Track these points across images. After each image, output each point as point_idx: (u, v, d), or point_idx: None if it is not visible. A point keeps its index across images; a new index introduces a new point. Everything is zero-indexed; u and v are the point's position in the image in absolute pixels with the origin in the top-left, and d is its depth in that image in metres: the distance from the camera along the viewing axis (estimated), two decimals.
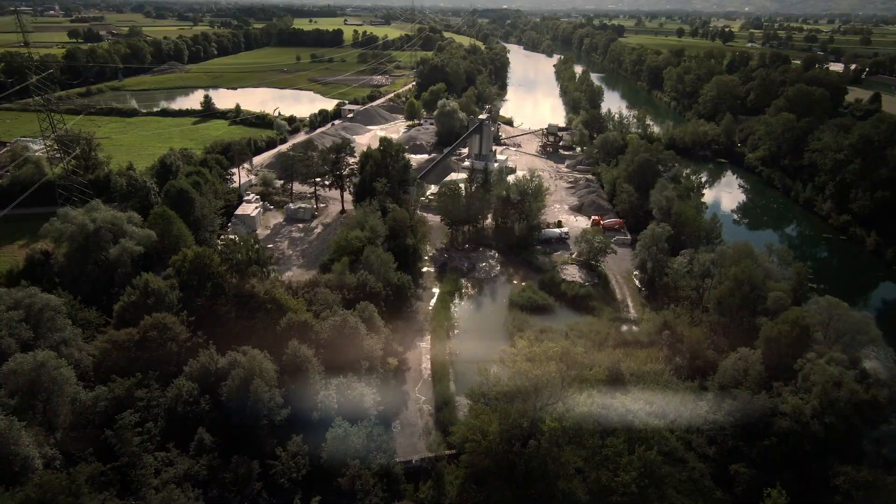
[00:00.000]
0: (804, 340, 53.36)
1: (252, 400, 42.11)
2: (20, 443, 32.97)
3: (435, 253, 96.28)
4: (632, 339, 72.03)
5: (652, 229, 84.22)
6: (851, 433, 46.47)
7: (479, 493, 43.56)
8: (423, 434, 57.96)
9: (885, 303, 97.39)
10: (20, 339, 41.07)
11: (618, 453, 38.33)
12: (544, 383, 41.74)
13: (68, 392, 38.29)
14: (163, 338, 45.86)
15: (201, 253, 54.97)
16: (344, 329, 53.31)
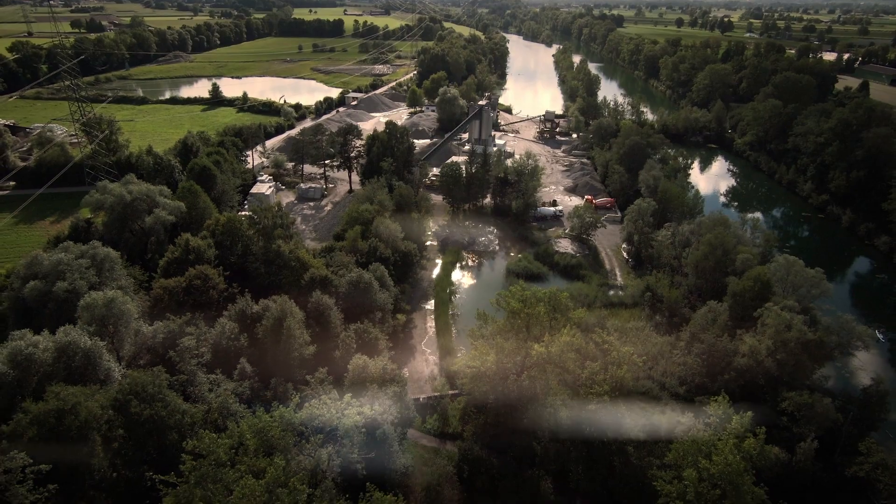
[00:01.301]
0: (765, 294, 60.51)
1: (285, 335, 49.32)
2: (103, 357, 40.18)
3: (437, 228, 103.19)
4: (617, 301, 79.38)
5: (638, 204, 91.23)
6: (799, 368, 53.71)
7: (478, 416, 50.92)
8: (428, 379, 65.56)
9: (858, 275, 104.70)
10: (89, 281, 48.25)
11: (594, 373, 45.57)
12: (534, 321, 48.93)
13: (133, 324, 45.53)
14: (205, 286, 53.08)
15: (232, 217, 62.05)
16: (359, 284, 60.48)
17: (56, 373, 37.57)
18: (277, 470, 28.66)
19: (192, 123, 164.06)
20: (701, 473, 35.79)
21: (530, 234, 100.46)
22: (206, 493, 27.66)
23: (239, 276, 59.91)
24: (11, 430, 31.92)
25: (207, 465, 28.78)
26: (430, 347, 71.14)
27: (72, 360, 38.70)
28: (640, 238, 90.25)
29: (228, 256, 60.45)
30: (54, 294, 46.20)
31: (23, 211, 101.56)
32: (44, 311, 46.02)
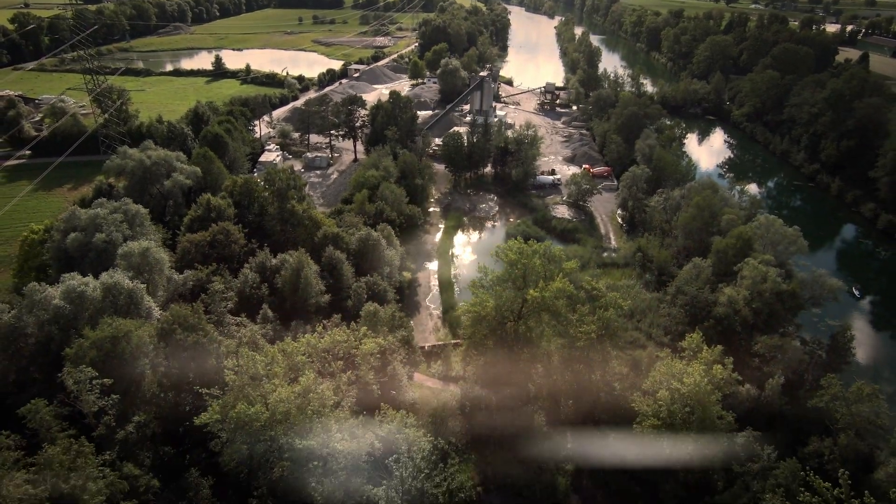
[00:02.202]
0: (746, 250, 65.01)
1: (303, 284, 54.10)
2: (144, 297, 44.98)
3: (440, 196, 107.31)
4: (610, 261, 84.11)
5: (633, 171, 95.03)
6: (773, 316, 58.60)
7: (478, 358, 56.09)
8: (433, 331, 70.78)
9: (844, 241, 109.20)
10: (123, 234, 52.81)
11: (583, 315, 50.38)
12: (530, 272, 53.55)
13: (165, 272, 50.25)
14: (227, 240, 57.66)
15: (249, 179, 66.18)
16: (368, 241, 65.08)
17: (104, 309, 42.36)
18: (308, 379, 33.67)
19: (197, 95, 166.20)
20: (673, 395, 40.91)
21: (529, 202, 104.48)
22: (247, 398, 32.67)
23: (256, 234, 64.43)
24: (75, 352, 36.84)
25: (247, 377, 33.75)
26: (434, 303, 76.16)
27: (117, 300, 43.49)
28: (634, 204, 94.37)
29: (246, 215, 64.88)
30: (93, 244, 50.81)
31: (43, 179, 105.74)
32: (84, 261, 50.63)
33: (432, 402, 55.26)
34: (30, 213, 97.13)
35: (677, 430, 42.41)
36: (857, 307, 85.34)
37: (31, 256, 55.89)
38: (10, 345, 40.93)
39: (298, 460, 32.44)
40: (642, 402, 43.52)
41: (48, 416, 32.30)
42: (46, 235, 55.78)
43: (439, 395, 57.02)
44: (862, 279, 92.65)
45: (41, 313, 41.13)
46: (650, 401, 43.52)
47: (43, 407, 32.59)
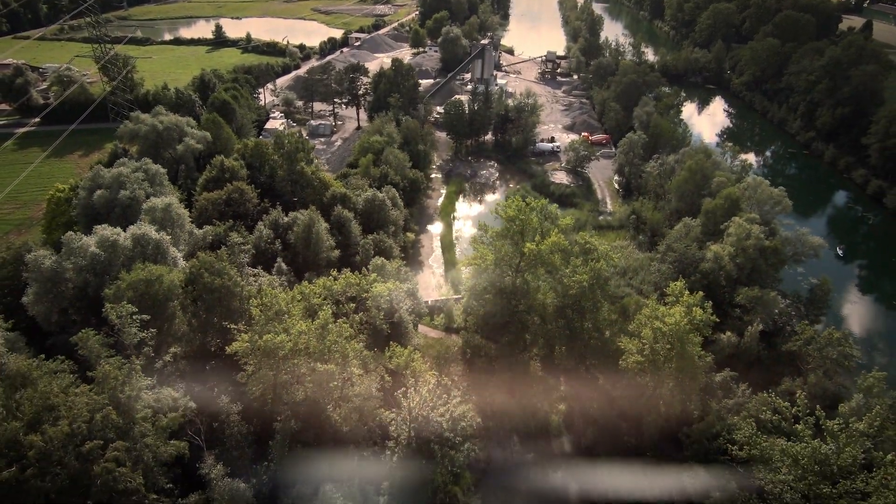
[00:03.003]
0: (734, 210, 68.32)
1: (314, 239, 57.70)
2: (170, 248, 48.66)
3: (441, 163, 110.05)
4: (605, 224, 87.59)
5: (630, 137, 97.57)
6: (756, 271, 62.33)
7: (478, 306, 60.12)
8: (435, 288, 74.86)
9: (835, 207, 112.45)
10: (145, 191, 56.18)
11: (576, 267, 54.07)
12: (527, 227, 57.03)
13: (186, 227, 53.83)
14: (242, 199, 61.06)
15: (259, 142, 69.08)
16: (374, 201, 68.44)
17: (135, 258, 46.02)
18: (327, 314, 37.60)
19: (199, 63, 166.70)
20: (655, 333, 44.94)
21: (529, 168, 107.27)
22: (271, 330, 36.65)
23: (268, 195, 67.69)
24: (113, 292, 40.66)
25: (271, 312, 37.66)
26: (436, 263, 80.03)
27: (145, 249, 47.12)
28: (631, 170, 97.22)
29: (258, 177, 68.04)
30: (119, 201, 54.19)
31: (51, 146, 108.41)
32: (110, 216, 54.04)
33: (436, 347, 59.61)
34: (44, 179, 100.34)
35: (659, 367, 46.59)
36: (843, 270, 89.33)
37: (58, 214, 59.36)
38: (52, 288, 44.76)
39: (319, 383, 36.56)
40: (628, 342, 47.60)
41: (96, 344, 36.28)
42: (72, 194, 59.11)
43: (442, 342, 61.25)
44: (850, 243, 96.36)
45: (79, 259, 44.86)
46: (635, 341, 47.58)
47: (92, 336, 36.57)
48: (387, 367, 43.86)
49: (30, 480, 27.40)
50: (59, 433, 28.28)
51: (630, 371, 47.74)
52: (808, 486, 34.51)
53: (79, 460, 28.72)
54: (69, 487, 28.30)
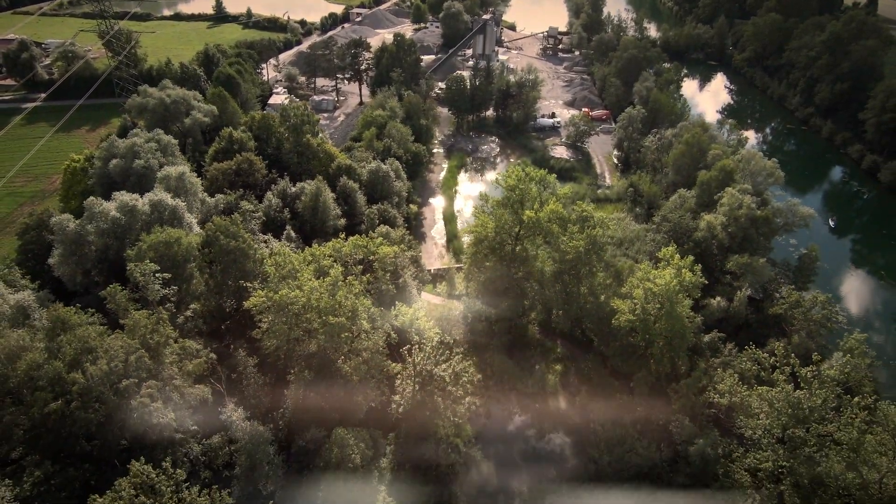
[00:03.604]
0: (728, 181, 70.32)
1: (321, 207, 59.97)
2: (185, 214, 51.00)
3: (443, 138, 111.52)
4: (604, 197, 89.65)
5: (629, 112, 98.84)
6: (747, 240, 64.66)
7: (479, 274, 62.70)
8: (437, 257, 77.35)
9: (831, 182, 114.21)
10: (158, 161, 58.30)
11: (573, 234, 56.46)
12: (527, 196, 59.20)
13: (199, 195, 56.08)
14: (251, 169, 63.14)
15: (266, 114, 70.78)
16: (378, 172, 70.47)
17: (152, 223, 48.43)
18: (337, 271, 40.15)
19: (200, 39, 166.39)
20: (646, 294, 47.52)
21: (529, 143, 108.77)
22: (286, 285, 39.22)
23: (275, 166, 69.71)
24: (136, 253, 43.14)
25: (286, 270, 40.20)
26: (438, 234, 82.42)
27: (162, 214, 49.47)
28: (629, 144, 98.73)
29: (265, 149, 69.97)
30: (134, 170, 56.33)
31: (58, 121, 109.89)
32: (126, 184, 56.23)
33: (439, 310, 62.35)
34: (53, 153, 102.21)
35: (650, 326, 49.30)
36: (837, 243, 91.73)
37: (74, 183, 61.52)
38: (76, 250, 47.24)
39: (331, 334, 39.24)
40: (621, 304, 50.23)
41: (123, 298, 38.87)
42: (87, 164, 61.19)
43: (445, 306, 63.98)
44: (845, 218, 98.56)
45: (100, 223, 47.24)
46: (627, 301, 50.21)
47: (119, 290, 39.15)
48: (393, 325, 46.58)
49: (74, 412, 30.32)
50: (98, 371, 31.05)
51: (622, 330, 50.48)
52: (783, 428, 37.42)
53: (117, 396, 31.59)
54: (108, 420, 31.23)
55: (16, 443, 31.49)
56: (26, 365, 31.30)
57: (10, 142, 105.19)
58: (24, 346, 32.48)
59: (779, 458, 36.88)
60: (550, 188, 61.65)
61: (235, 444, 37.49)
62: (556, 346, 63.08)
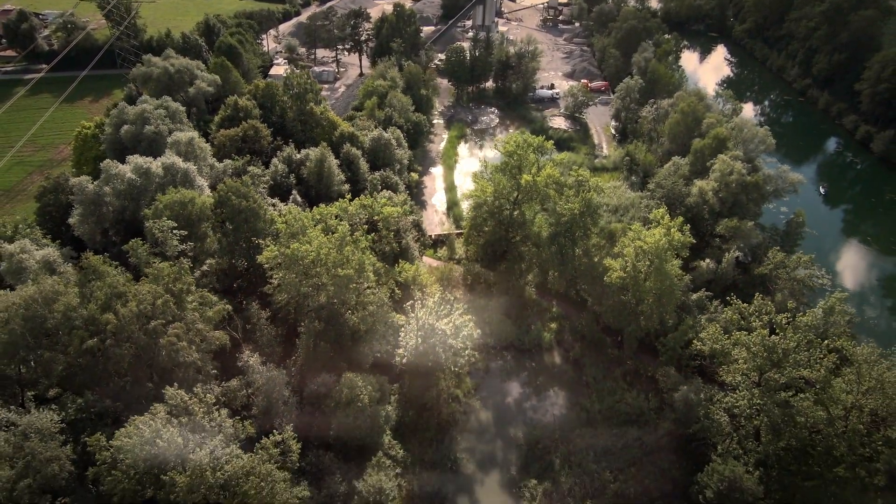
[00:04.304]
0: (721, 149, 72.22)
1: (326, 173, 62.03)
2: (196, 177, 53.18)
3: (443, 109, 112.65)
4: (600, 166, 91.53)
5: (627, 82, 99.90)
6: (738, 205, 66.96)
7: (479, 237, 65.23)
8: (438, 224, 79.68)
9: (826, 153, 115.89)
10: (168, 126, 60.12)
11: (569, 197, 58.77)
12: (525, 162, 61.29)
13: (208, 160, 58.10)
14: (256, 136, 64.96)
15: (270, 83, 72.18)
16: (380, 140, 72.25)
17: (165, 185, 50.61)
18: (344, 227, 42.59)
19: (198, 10, 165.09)
20: (637, 252, 50.09)
21: (528, 114, 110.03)
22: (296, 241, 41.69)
23: (280, 134, 71.44)
24: (153, 212, 45.49)
25: (296, 227, 42.61)
26: (439, 202, 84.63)
27: (175, 177, 51.62)
28: (627, 115, 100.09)
29: (269, 117, 71.56)
30: (144, 135, 58.18)
31: (62, 92, 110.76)
32: (137, 150, 58.09)
33: (440, 270, 65.04)
34: (58, 123, 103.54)
35: (640, 283, 52.00)
36: (829, 213, 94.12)
37: (86, 149, 63.34)
38: (95, 211, 49.53)
39: (339, 286, 41.87)
40: (613, 262, 52.83)
41: (145, 252, 41.34)
42: (98, 130, 62.93)
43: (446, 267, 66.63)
44: (837, 188, 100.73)
45: (117, 184, 49.41)
46: (619, 260, 52.81)
47: (140, 245, 41.61)
48: (397, 281, 49.26)
49: (109, 349, 33.08)
50: (129, 313, 33.68)
51: (614, 288, 53.19)
52: (760, 371, 40.43)
53: (146, 335, 34.30)
54: (138, 359, 34.02)
55: (54, 379, 34.36)
56: (63, 307, 33.93)
57: (14, 112, 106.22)
58: (59, 290, 35.08)
59: (754, 396, 39.96)
60: (548, 154, 63.75)
61: (252, 387, 40.46)
62: (552, 306, 65.99)
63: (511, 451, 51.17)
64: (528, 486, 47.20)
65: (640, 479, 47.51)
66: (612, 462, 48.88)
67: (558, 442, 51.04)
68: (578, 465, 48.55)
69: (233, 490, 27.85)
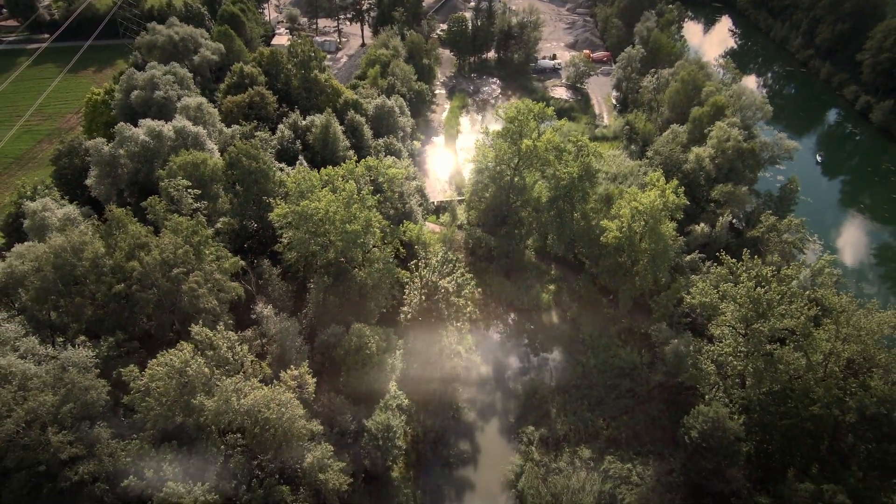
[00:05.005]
0: (718, 116, 73.35)
1: (332, 139, 63.53)
2: (207, 141, 54.86)
3: (445, 79, 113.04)
4: (601, 135, 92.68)
5: (628, 52, 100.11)
6: (734, 171, 68.49)
7: (480, 202, 67.09)
8: (440, 192, 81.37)
9: (826, 125, 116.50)
10: (177, 92, 61.51)
11: (568, 162, 60.40)
12: (525, 128, 62.71)
13: (217, 125, 59.59)
14: (263, 102, 66.24)
15: (274, 50, 73.03)
16: (384, 108, 73.46)
17: (177, 148, 52.30)
18: (352, 186, 44.49)
19: None
20: (633, 212, 52.01)
21: (530, 84, 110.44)
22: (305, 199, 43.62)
23: (285, 101, 72.63)
24: (167, 172, 47.36)
25: (305, 185, 44.50)
26: (441, 170, 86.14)
27: (186, 140, 53.27)
28: (628, 84, 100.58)
29: (274, 84, 72.66)
30: (154, 100, 59.56)
31: (65, 62, 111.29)
32: (147, 115, 59.54)
33: (443, 233, 67.14)
34: (63, 93, 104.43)
35: (635, 244, 54.10)
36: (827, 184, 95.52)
37: (96, 115, 64.76)
38: (111, 172, 51.40)
39: (347, 241, 43.96)
40: (610, 223, 54.80)
41: (162, 209, 43.37)
42: (107, 96, 64.24)
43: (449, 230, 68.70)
44: (836, 159, 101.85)
45: (131, 146, 51.13)
46: (616, 221, 54.78)
47: (157, 202, 43.63)
48: (401, 240, 51.37)
49: (135, 294, 35.39)
50: (153, 260, 35.87)
51: (610, 248, 55.29)
52: (746, 323, 42.75)
53: (169, 282, 36.56)
54: (161, 303, 36.35)
55: (83, 324, 36.76)
56: (91, 254, 36.08)
57: (19, 83, 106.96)
58: (86, 240, 37.17)
59: (739, 344, 42.42)
60: (548, 122, 65.12)
61: (266, 337, 42.95)
62: (551, 269, 68.27)
63: (510, 402, 54.13)
64: (525, 432, 50.21)
65: (632, 426, 50.53)
66: (605, 411, 51.82)
67: (554, 393, 53.95)
68: (573, 413, 51.48)
69: (255, 417, 30.52)
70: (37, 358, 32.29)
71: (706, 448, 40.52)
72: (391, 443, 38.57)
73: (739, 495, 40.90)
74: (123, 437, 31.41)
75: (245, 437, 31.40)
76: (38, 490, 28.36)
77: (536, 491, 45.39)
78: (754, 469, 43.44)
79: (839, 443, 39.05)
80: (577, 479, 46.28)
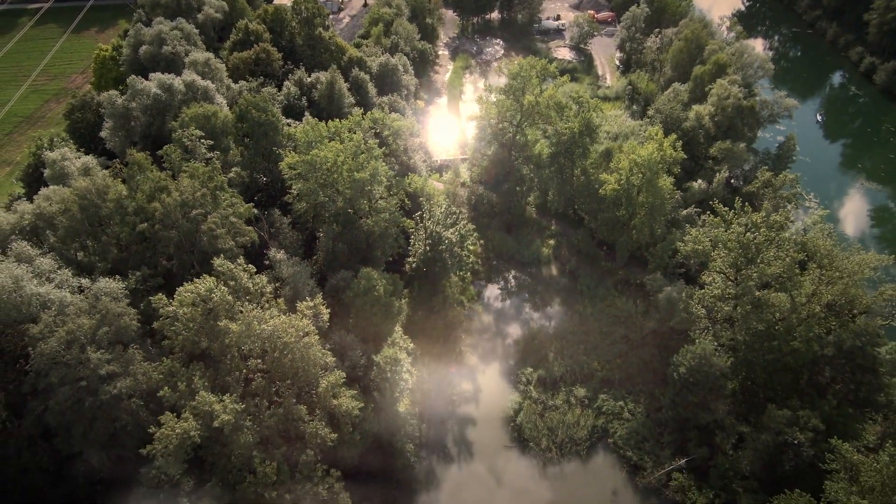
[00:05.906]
0: (719, 74, 73.79)
1: (337, 95, 64.57)
2: (216, 95, 56.23)
3: (448, 40, 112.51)
4: (603, 96, 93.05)
5: (633, 11, 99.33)
6: (733, 129, 69.50)
7: (482, 159, 68.54)
8: (443, 151, 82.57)
9: (830, 87, 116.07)
10: (184, 48, 62.32)
11: (569, 118, 61.59)
12: (527, 84, 63.56)
13: (225, 81, 60.69)
14: (268, 59, 67.01)
15: (278, 7, 73.25)
16: (388, 66, 74.10)
17: (188, 101, 53.64)
18: (358, 136, 46.07)
19: None
20: (631, 164, 53.58)
21: (533, 45, 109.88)
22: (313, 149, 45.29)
23: (289, 59, 73.22)
24: (179, 123, 48.94)
25: (314, 135, 46.09)
26: (444, 129, 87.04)
27: (195, 94, 54.55)
28: (632, 45, 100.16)
29: (279, 41, 73.14)
30: (162, 55, 60.49)
31: (68, 23, 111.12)
32: (156, 70, 60.55)
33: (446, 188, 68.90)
34: (67, 54, 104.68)
35: (633, 197, 55.84)
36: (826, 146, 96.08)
37: (105, 71, 65.73)
38: (124, 124, 52.96)
39: (355, 189, 45.85)
40: (608, 177, 56.42)
41: (178, 157, 45.17)
42: (115, 53, 65.06)
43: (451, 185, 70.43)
44: (839, 122, 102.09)
45: (143, 99, 52.51)
46: (614, 174, 56.38)
47: (173, 151, 45.41)
48: (406, 192, 53.22)
49: (158, 232, 37.61)
50: (173, 201, 37.95)
51: (608, 201, 57.06)
52: (736, 268, 44.89)
53: (189, 222, 38.72)
54: (181, 243, 38.60)
55: (108, 263, 39.07)
56: (116, 195, 38.14)
57: (23, 43, 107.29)
58: (109, 183, 39.15)
59: (728, 287, 44.72)
60: (551, 80, 65.91)
61: (280, 280, 45.32)
62: (551, 224, 70.24)
63: (510, 347, 57.00)
64: (524, 373, 53.18)
65: (625, 368, 53.41)
66: (600, 355, 54.63)
67: (552, 339, 56.71)
68: (570, 356, 54.33)
69: (275, 343, 33.10)
70: (71, 289, 34.77)
71: (693, 383, 43.32)
72: (398, 376, 41.33)
73: (723, 426, 43.90)
74: (154, 361, 34.14)
75: (265, 362, 34.09)
76: (81, 404, 31.29)
77: (534, 425, 48.58)
78: (739, 405, 46.37)
79: (817, 376, 41.72)
80: (573, 414, 49.45)
